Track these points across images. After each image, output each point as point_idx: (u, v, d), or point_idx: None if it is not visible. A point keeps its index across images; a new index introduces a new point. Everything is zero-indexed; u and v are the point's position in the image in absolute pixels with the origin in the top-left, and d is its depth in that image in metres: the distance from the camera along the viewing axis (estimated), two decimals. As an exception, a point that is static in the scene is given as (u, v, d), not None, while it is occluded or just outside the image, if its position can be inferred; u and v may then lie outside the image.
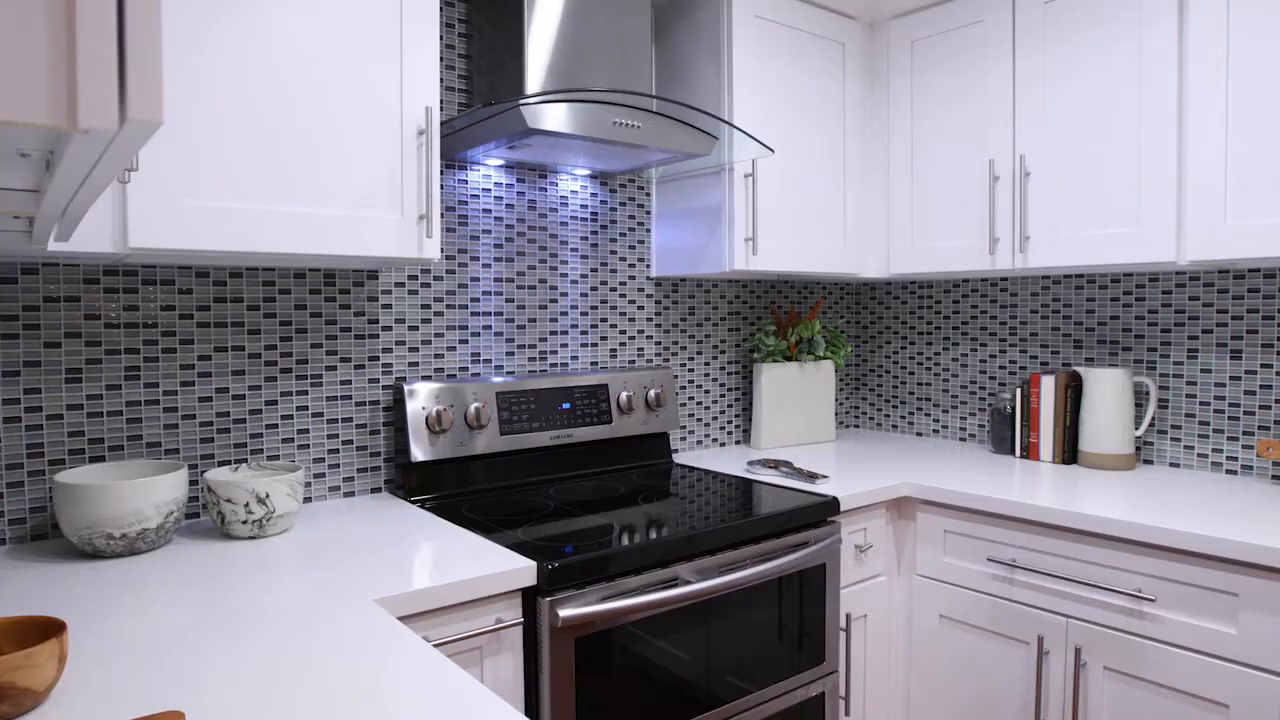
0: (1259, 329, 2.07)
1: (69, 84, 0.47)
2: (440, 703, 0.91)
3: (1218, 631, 1.59)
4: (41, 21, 0.46)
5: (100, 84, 0.47)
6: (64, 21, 0.47)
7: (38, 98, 0.46)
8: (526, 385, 2.06)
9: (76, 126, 0.47)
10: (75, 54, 0.47)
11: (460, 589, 1.32)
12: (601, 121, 1.78)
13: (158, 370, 1.66)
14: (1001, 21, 2.20)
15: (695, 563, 1.62)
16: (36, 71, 0.46)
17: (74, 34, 0.47)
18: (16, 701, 0.86)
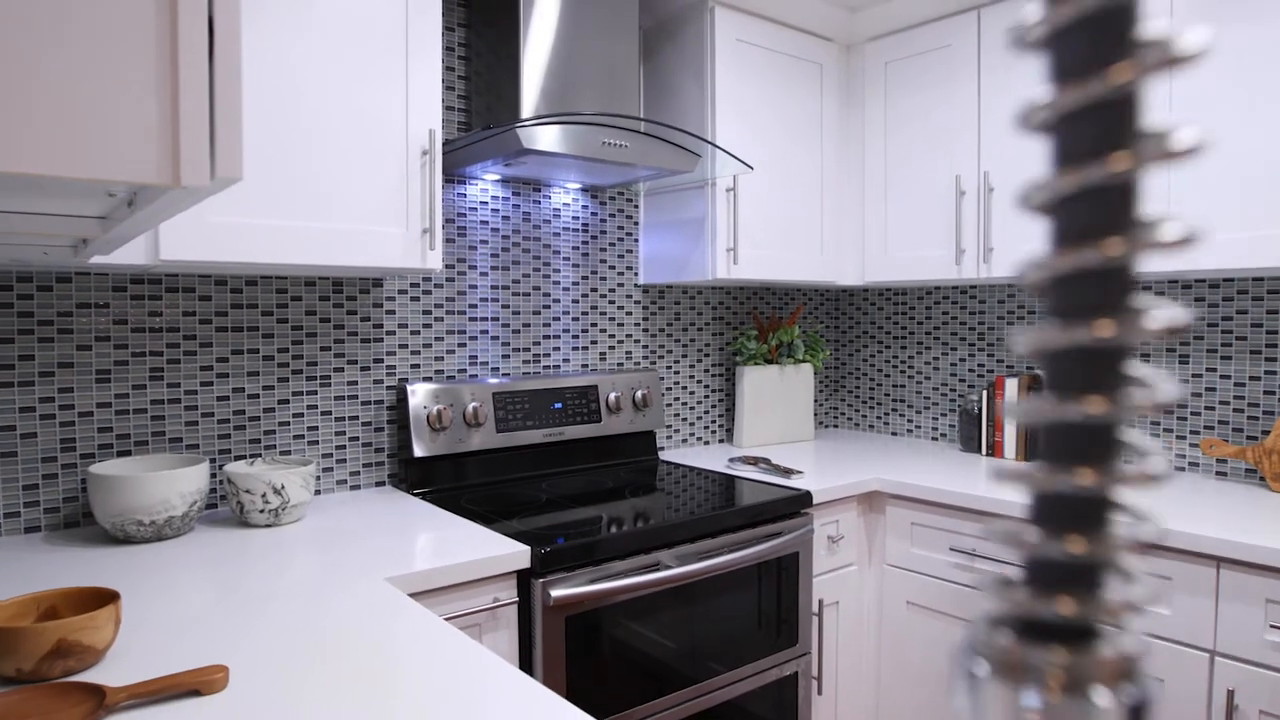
0: (1204, 335, 2.22)
1: (174, 150, 0.60)
2: (449, 660, 1.05)
3: (1153, 612, 1.73)
4: (153, 99, 0.60)
5: (197, 150, 0.61)
6: (170, 98, 0.61)
7: (149, 161, 0.60)
8: (521, 386, 2.20)
9: (179, 184, 0.60)
10: (179, 126, 0.60)
11: (461, 570, 1.45)
12: (592, 141, 1.92)
13: (180, 371, 1.79)
14: (968, 46, 2.35)
15: (676, 549, 1.76)
16: (149, 141, 0.60)
17: (178, 109, 0.61)
18: (81, 658, 1.00)
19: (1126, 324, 0.14)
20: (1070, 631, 0.16)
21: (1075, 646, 0.15)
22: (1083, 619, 0.15)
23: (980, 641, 0.16)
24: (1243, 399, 2.16)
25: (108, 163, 0.58)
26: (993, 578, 0.17)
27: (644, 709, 1.69)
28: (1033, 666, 0.15)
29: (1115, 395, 0.15)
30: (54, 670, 0.98)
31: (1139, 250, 0.14)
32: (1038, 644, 0.15)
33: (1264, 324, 2.12)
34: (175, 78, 0.60)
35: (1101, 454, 0.15)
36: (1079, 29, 0.14)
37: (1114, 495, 0.15)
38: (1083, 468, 0.15)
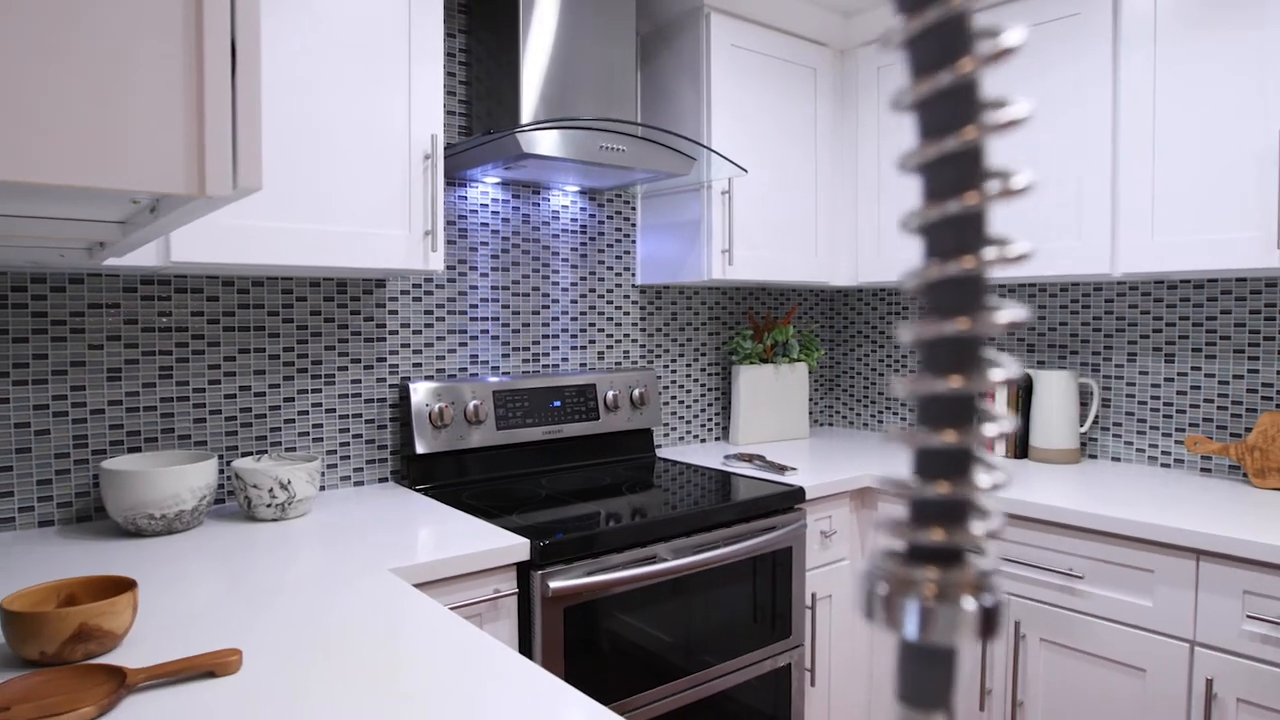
0: (1189, 335, 2.27)
1: (200, 162, 0.65)
2: (454, 645, 1.10)
3: (1136, 604, 1.78)
4: (180, 115, 0.65)
5: (220, 162, 0.66)
6: (196, 114, 0.65)
7: (177, 173, 0.65)
8: (521, 385, 2.25)
9: (204, 194, 0.65)
10: (204, 140, 0.65)
11: (463, 562, 1.50)
12: (590, 145, 1.97)
13: (188, 370, 1.84)
14: (958, 52, 2.40)
15: (672, 543, 1.80)
16: (177, 154, 0.65)
17: (203, 124, 0.65)
18: (101, 642, 1.05)
19: (979, 320, 0.19)
20: (944, 555, 0.20)
21: (946, 566, 0.20)
22: (951, 545, 0.20)
23: (879, 567, 0.21)
24: (1226, 397, 2.21)
25: (140, 174, 0.63)
26: (888, 519, 0.22)
27: (640, 698, 1.74)
28: (915, 581, 0.20)
29: (972, 374, 0.20)
30: (75, 654, 1.03)
31: (987, 264, 0.19)
32: (919, 565, 0.20)
33: (1246, 323, 2.17)
34: (201, 96, 0.65)
35: (963, 419, 0.20)
36: (936, 100, 0.19)
37: (973, 451, 0.20)
38: (949, 430, 0.20)
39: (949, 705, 0.21)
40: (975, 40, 0.18)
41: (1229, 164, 1.89)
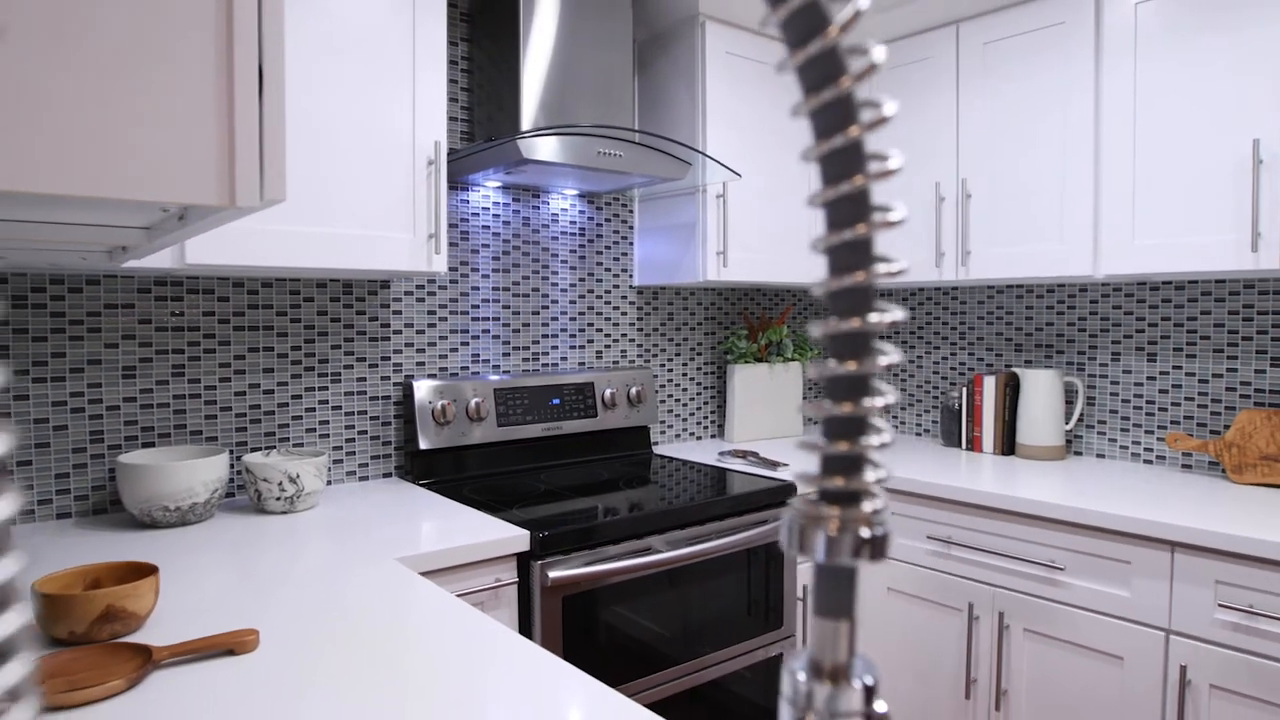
0: (1171, 334, 2.34)
1: (230, 176, 0.72)
2: (458, 628, 1.16)
3: (1115, 595, 1.85)
4: (213, 134, 0.71)
5: (249, 176, 0.73)
6: (227, 133, 0.72)
7: (210, 185, 0.71)
8: (521, 383, 2.31)
9: (234, 205, 0.72)
10: (234, 156, 0.72)
11: (465, 552, 1.57)
12: (588, 151, 2.04)
13: (200, 368, 1.91)
14: (947, 58, 2.47)
15: (666, 535, 1.87)
16: (210, 167, 0.71)
17: (234, 142, 0.72)
18: (125, 623, 1.11)
19: (867, 320, 0.25)
20: (844, 497, 0.27)
21: (846, 506, 0.26)
22: (849, 490, 0.26)
23: (796, 509, 0.28)
24: (1206, 395, 2.28)
25: (176, 187, 0.69)
26: (799, 472, 0.28)
27: (636, 685, 1.81)
28: (823, 518, 0.26)
29: (864, 360, 0.26)
30: (102, 633, 1.10)
31: (874, 278, 0.26)
32: (826, 505, 0.26)
33: (1225, 324, 2.24)
34: (231, 116, 0.71)
35: (859, 395, 0.26)
36: (833, 155, 0.25)
37: (866, 418, 0.26)
38: (847, 402, 0.26)
39: (851, 615, 0.27)
40: (861, 109, 0.25)
41: (1207, 169, 1.96)
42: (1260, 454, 2.09)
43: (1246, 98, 1.90)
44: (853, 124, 0.25)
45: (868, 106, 0.25)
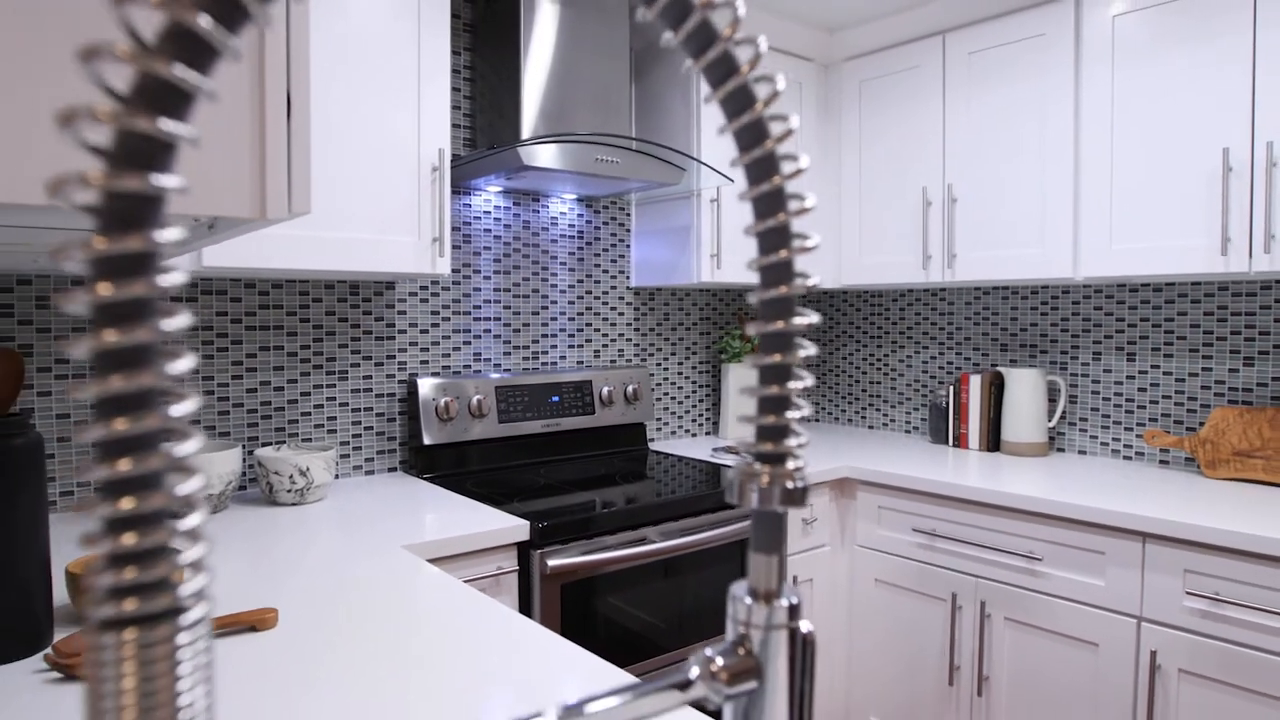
0: (1149, 335, 2.42)
1: (261, 190, 0.80)
2: (463, 608, 1.24)
3: (1089, 584, 1.93)
4: (247, 153, 0.80)
5: (278, 189, 0.81)
6: (259, 151, 0.80)
7: (244, 199, 0.80)
8: (521, 381, 2.39)
9: (265, 217, 0.80)
10: (265, 173, 0.80)
11: (469, 540, 1.65)
12: (586, 157, 2.12)
13: (213, 366, 1.99)
14: (934, 67, 2.55)
15: (660, 526, 1.95)
16: (244, 183, 0.79)
17: (264, 160, 0.80)
18: (153, 602, 1.19)
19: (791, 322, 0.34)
20: (773, 458, 0.35)
21: (775, 465, 0.35)
22: (777, 453, 0.35)
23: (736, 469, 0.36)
24: (1183, 393, 2.36)
25: (216, 202, 0.77)
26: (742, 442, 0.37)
27: (631, 670, 1.89)
28: (757, 474, 0.35)
29: (788, 353, 0.34)
30: (132, 612, 1.18)
31: (795, 290, 0.34)
32: (760, 465, 0.35)
33: (1200, 324, 2.32)
34: (263, 137, 0.80)
35: (784, 379, 0.35)
36: (761, 198, 0.33)
37: (790, 398, 0.35)
38: (774, 385, 0.35)
39: (780, 551, 0.35)
40: (782, 162, 0.33)
41: (1180, 176, 2.04)
42: (1233, 450, 2.17)
43: (1217, 108, 1.98)
44: (775, 174, 0.33)
45: (787, 159, 0.33)
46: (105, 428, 0.22)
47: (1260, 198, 1.91)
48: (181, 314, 0.24)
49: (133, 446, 0.22)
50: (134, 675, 0.22)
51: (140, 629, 0.22)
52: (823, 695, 2.45)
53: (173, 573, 0.23)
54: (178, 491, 0.23)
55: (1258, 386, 2.23)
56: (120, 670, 0.22)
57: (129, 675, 0.22)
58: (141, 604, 0.22)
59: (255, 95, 0.79)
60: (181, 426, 0.24)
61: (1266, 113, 1.90)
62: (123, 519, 0.22)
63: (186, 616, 0.23)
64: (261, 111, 0.79)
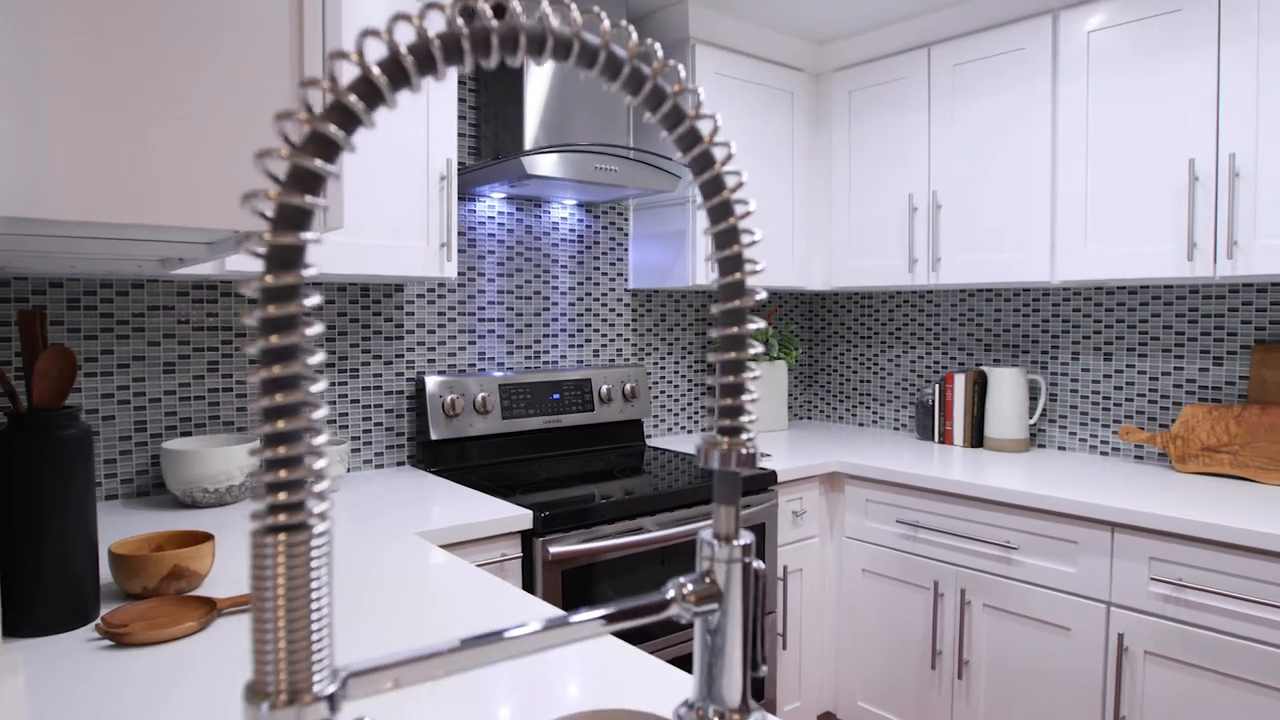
0: (1125, 336, 2.53)
1: (300, 209, 0.91)
2: (474, 586, 1.35)
3: (1062, 571, 2.04)
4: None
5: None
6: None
7: (285, 216, 0.90)
8: (523, 379, 2.50)
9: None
10: (304, 193, 0.91)
11: (476, 528, 1.76)
12: (586, 166, 2.23)
13: (232, 364, 2.09)
14: (919, 78, 2.66)
15: (656, 517, 2.06)
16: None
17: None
18: (189, 580, 1.30)
19: (744, 326, 0.44)
20: (730, 430, 0.46)
21: (732, 436, 0.45)
22: (733, 426, 0.45)
23: (703, 439, 0.46)
24: (1156, 392, 2.47)
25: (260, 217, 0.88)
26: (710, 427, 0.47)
27: (628, 651, 1.99)
28: (717, 443, 0.45)
29: (740, 351, 0.45)
30: (169, 589, 1.28)
31: (746, 303, 0.44)
32: (720, 435, 0.45)
33: (1173, 326, 2.43)
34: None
35: (739, 372, 0.46)
36: (721, 234, 0.44)
37: (744, 385, 0.45)
38: (729, 375, 0.45)
39: (736, 503, 0.46)
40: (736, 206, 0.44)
41: (1149, 185, 2.15)
42: (1202, 445, 2.28)
43: (1184, 121, 2.09)
44: (730, 216, 0.44)
45: (739, 203, 0.44)
46: (267, 370, 0.33)
47: (1224, 206, 2.02)
48: (313, 296, 0.35)
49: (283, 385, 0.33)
50: (284, 564, 0.32)
51: (288, 534, 0.33)
52: (813, 680, 2.56)
53: (308, 499, 0.33)
54: (314, 441, 0.34)
55: (1226, 385, 2.34)
56: (275, 561, 0.32)
57: (280, 564, 0.32)
58: (288, 518, 0.33)
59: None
60: (313, 399, 0.34)
61: (1230, 126, 2.01)
62: (277, 460, 0.33)
63: (316, 528, 0.33)
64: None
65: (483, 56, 0.37)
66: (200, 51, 0.83)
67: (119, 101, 0.79)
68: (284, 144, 0.34)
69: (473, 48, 0.36)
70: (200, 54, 0.83)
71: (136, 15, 0.80)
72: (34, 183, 0.75)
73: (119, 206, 0.77)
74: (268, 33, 0.88)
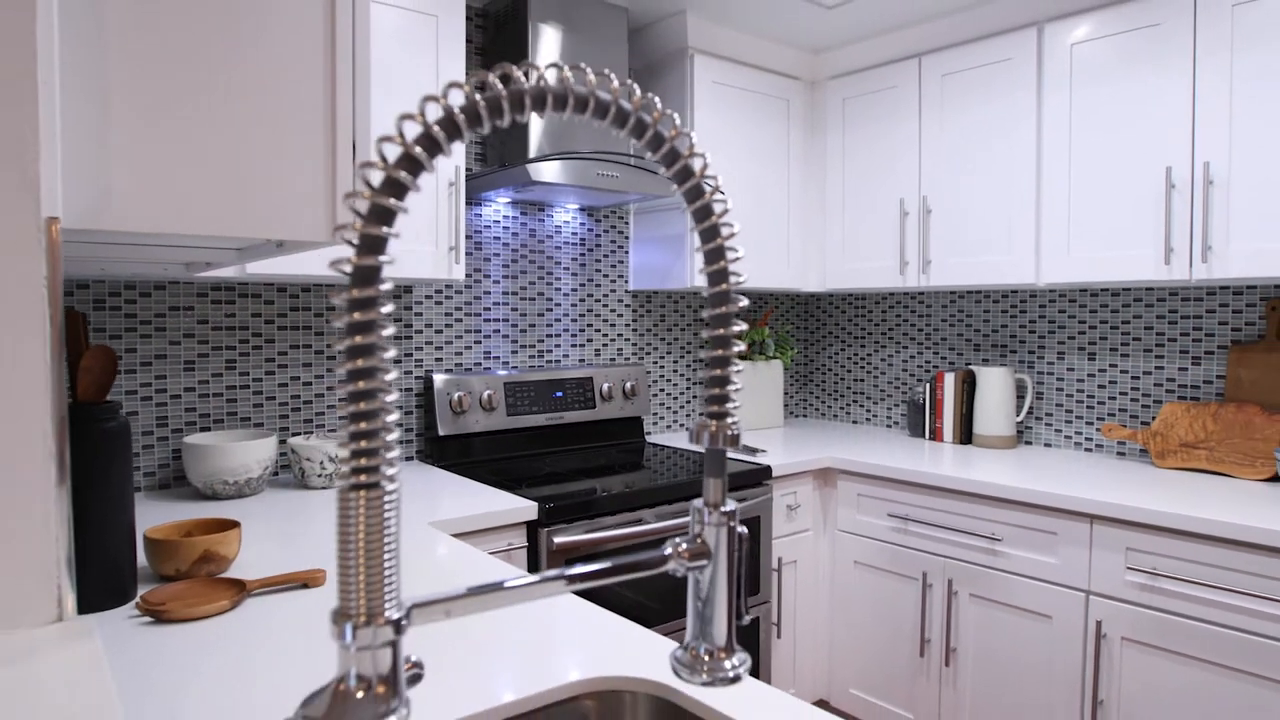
0: (1108, 336, 2.63)
1: (332, 219, 1.00)
2: (483, 567, 1.44)
3: (1043, 561, 2.13)
4: (323, 189, 0.99)
5: (345, 218, 1.00)
6: (331, 187, 1.00)
7: (320, 226, 0.99)
8: (527, 377, 2.59)
9: (335, 240, 1.00)
10: (335, 205, 1.00)
11: (485, 519, 1.85)
12: (588, 173, 2.32)
13: (249, 362, 2.18)
14: (910, 87, 2.75)
15: (655, 509, 2.15)
16: (320, 213, 0.99)
17: (335, 193, 1.00)
18: (218, 564, 1.39)
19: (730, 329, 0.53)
20: (717, 414, 0.55)
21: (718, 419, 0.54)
22: (720, 411, 0.54)
23: (695, 420, 0.55)
24: (1138, 390, 2.56)
25: (299, 228, 0.97)
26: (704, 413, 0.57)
27: (629, 638, 2.08)
28: (707, 424, 0.54)
29: (728, 349, 0.54)
30: (199, 572, 1.37)
31: (730, 311, 0.53)
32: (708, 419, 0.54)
33: (1154, 327, 2.52)
34: (334, 175, 0.99)
35: (726, 366, 0.54)
36: (709, 251, 0.53)
37: (729, 377, 0.54)
38: (717, 369, 0.54)
39: (722, 476, 0.55)
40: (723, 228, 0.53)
41: (1129, 191, 2.24)
42: (1180, 441, 2.37)
43: (1162, 130, 2.18)
44: (719, 237, 0.53)
45: (725, 225, 0.53)
46: (350, 361, 0.42)
47: (1199, 213, 2.11)
48: (388, 305, 0.44)
49: (364, 375, 0.42)
50: (364, 514, 0.42)
51: (367, 491, 0.42)
52: (806, 669, 2.65)
53: (382, 464, 0.42)
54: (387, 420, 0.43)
55: (1203, 384, 2.43)
56: (357, 512, 0.41)
57: (361, 514, 0.41)
58: (368, 478, 0.42)
59: (329, 145, 0.99)
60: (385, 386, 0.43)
61: (1205, 136, 2.10)
62: (359, 432, 0.42)
63: (389, 486, 0.42)
64: (333, 157, 0.99)
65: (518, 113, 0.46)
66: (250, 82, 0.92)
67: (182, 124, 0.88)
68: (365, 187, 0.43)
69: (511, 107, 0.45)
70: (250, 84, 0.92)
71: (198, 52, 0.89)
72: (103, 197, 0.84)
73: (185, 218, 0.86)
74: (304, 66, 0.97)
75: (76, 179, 0.83)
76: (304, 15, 0.98)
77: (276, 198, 0.96)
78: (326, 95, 0.99)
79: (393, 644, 0.43)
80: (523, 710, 0.96)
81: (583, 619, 1.22)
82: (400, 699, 0.42)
